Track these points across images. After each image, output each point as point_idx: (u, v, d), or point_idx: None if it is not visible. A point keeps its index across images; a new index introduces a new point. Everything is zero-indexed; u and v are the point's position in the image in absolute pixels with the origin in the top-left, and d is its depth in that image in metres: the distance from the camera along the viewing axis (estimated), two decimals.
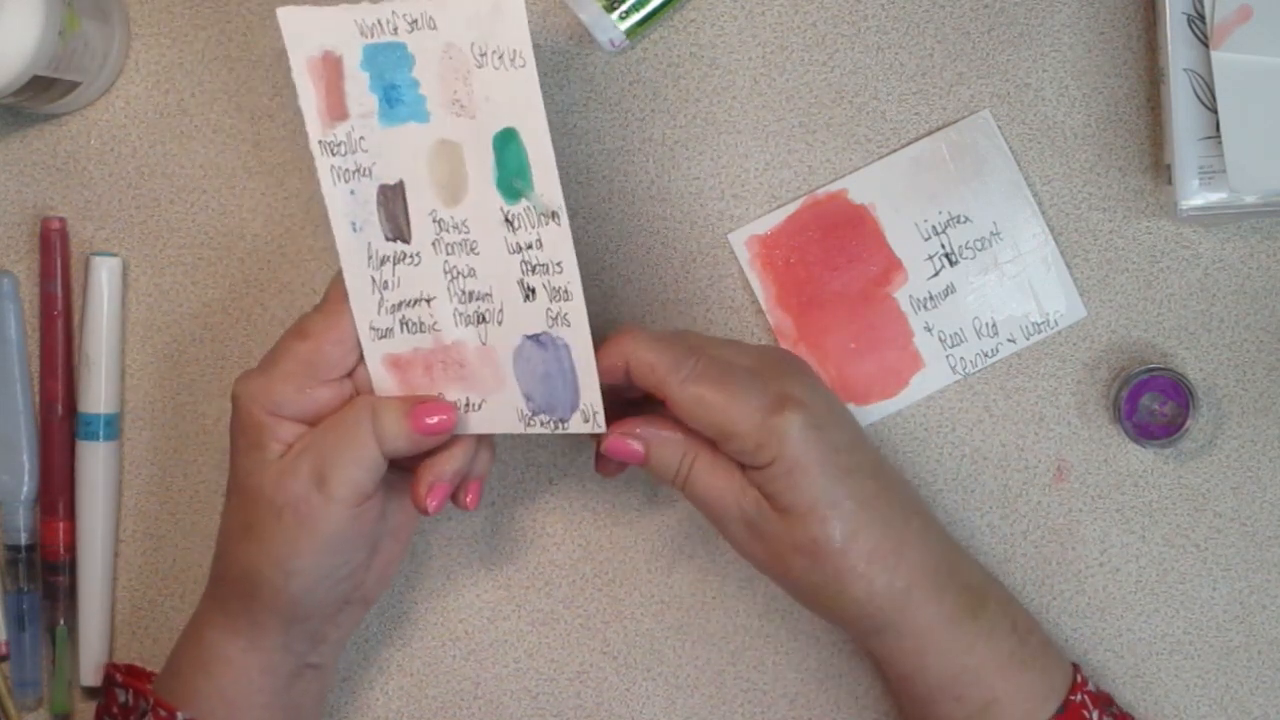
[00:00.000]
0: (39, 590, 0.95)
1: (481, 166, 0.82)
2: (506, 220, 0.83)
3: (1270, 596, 0.93)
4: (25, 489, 0.94)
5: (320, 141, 0.83)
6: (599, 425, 0.84)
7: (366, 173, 0.84)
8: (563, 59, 0.93)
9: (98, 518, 0.94)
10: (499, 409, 0.86)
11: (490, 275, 0.84)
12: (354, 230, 0.84)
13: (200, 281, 0.95)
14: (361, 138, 0.83)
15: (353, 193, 0.84)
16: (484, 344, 0.85)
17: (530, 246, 0.82)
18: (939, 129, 0.93)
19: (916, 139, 0.93)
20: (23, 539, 0.94)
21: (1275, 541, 0.93)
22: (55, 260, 0.94)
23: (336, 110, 0.83)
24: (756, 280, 0.93)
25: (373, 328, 0.85)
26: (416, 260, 0.84)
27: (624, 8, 0.91)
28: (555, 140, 0.92)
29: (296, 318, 0.94)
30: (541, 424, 0.85)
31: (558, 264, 0.82)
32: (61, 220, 0.94)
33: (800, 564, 0.83)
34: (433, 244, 0.84)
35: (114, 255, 0.94)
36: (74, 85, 0.91)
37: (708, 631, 0.95)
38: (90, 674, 0.94)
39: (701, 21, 0.93)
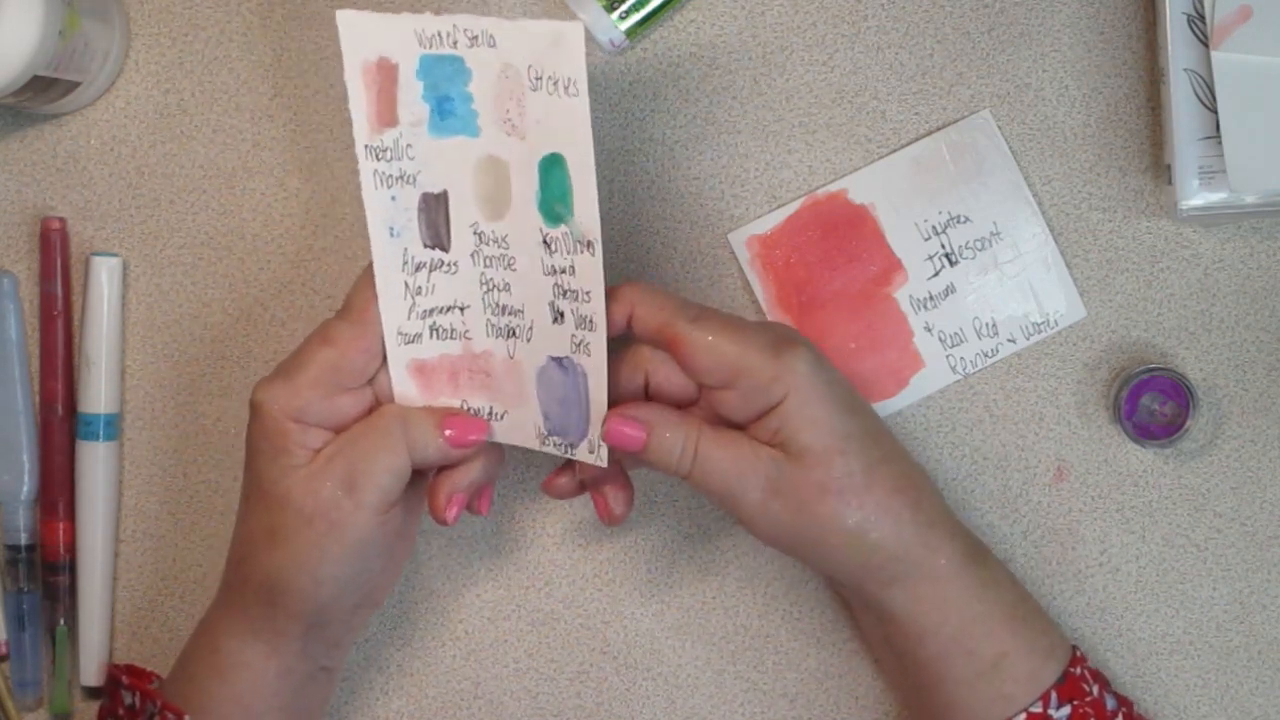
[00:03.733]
0: (39, 590, 0.95)
1: (526, 187, 0.83)
2: (544, 242, 0.83)
3: (1270, 596, 0.93)
4: (25, 489, 0.94)
5: (367, 146, 0.83)
6: (602, 459, 0.85)
7: (411, 180, 0.84)
8: None
9: (98, 518, 0.94)
10: (519, 422, 0.86)
11: (524, 292, 0.84)
12: (391, 235, 0.84)
13: (200, 281, 0.95)
14: (409, 145, 0.83)
15: (394, 198, 0.84)
16: (511, 357, 0.85)
17: (564, 271, 0.83)
18: (939, 129, 0.93)
19: (916, 139, 0.93)
20: (23, 539, 0.94)
21: (1275, 541, 0.93)
22: (55, 260, 0.94)
23: (386, 116, 0.83)
24: (756, 280, 0.93)
25: (400, 332, 0.85)
26: (454, 269, 0.85)
27: (624, 8, 0.91)
28: None
29: (296, 317, 0.94)
30: (554, 445, 0.86)
31: (587, 293, 0.83)
32: (61, 220, 0.94)
33: (827, 508, 0.82)
34: (471, 255, 0.84)
35: (114, 255, 0.94)
36: (74, 85, 0.91)
37: (708, 631, 0.95)
38: (91, 674, 0.94)
39: (701, 21, 0.93)
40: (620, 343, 0.85)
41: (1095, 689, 0.86)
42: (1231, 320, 0.93)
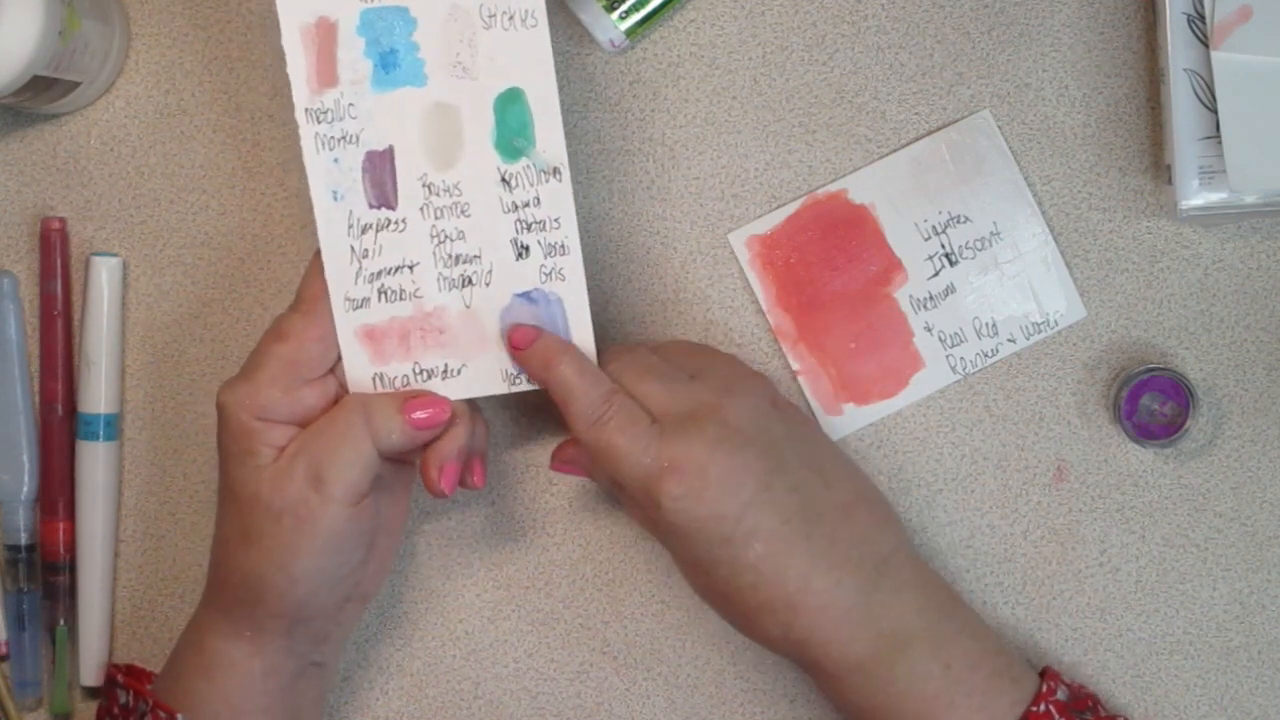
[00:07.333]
0: (39, 590, 0.95)
1: (479, 128, 0.84)
2: (503, 180, 0.84)
3: (1270, 596, 0.93)
4: (25, 489, 0.94)
5: (307, 109, 0.84)
6: None
7: (353, 140, 0.84)
8: (563, 59, 0.93)
9: (98, 518, 0.94)
10: (480, 372, 0.86)
11: (480, 236, 0.85)
12: (335, 199, 0.85)
13: (200, 281, 0.95)
14: (351, 104, 0.84)
15: (336, 160, 0.84)
16: (468, 307, 0.86)
17: (528, 204, 0.84)
18: (939, 129, 0.93)
19: (916, 139, 0.93)
20: (23, 539, 0.94)
21: (1275, 541, 0.93)
22: (55, 260, 0.94)
23: (326, 77, 0.84)
24: (756, 280, 0.93)
25: (348, 298, 0.85)
26: (401, 226, 0.85)
27: (624, 8, 0.91)
28: None
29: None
30: (527, 380, 0.86)
31: (556, 220, 0.84)
32: (61, 220, 0.94)
33: (701, 596, 0.87)
34: (420, 209, 0.85)
35: (114, 255, 0.94)
36: (74, 85, 0.91)
37: (708, 631, 0.95)
38: (90, 674, 0.94)
39: (701, 21, 0.93)
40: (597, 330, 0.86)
41: None
42: (1231, 320, 0.93)
